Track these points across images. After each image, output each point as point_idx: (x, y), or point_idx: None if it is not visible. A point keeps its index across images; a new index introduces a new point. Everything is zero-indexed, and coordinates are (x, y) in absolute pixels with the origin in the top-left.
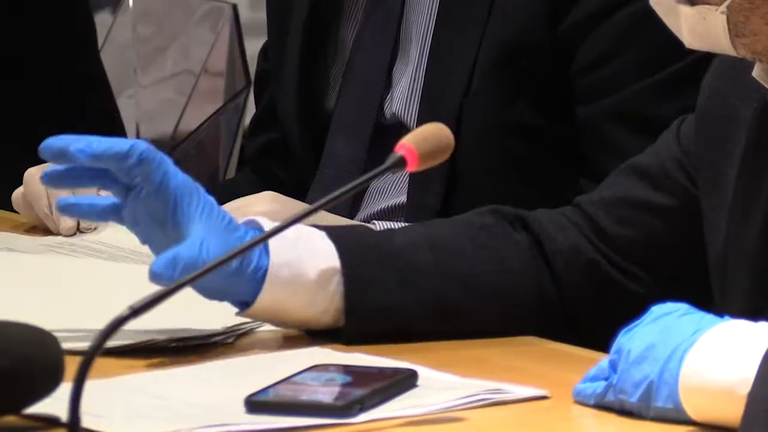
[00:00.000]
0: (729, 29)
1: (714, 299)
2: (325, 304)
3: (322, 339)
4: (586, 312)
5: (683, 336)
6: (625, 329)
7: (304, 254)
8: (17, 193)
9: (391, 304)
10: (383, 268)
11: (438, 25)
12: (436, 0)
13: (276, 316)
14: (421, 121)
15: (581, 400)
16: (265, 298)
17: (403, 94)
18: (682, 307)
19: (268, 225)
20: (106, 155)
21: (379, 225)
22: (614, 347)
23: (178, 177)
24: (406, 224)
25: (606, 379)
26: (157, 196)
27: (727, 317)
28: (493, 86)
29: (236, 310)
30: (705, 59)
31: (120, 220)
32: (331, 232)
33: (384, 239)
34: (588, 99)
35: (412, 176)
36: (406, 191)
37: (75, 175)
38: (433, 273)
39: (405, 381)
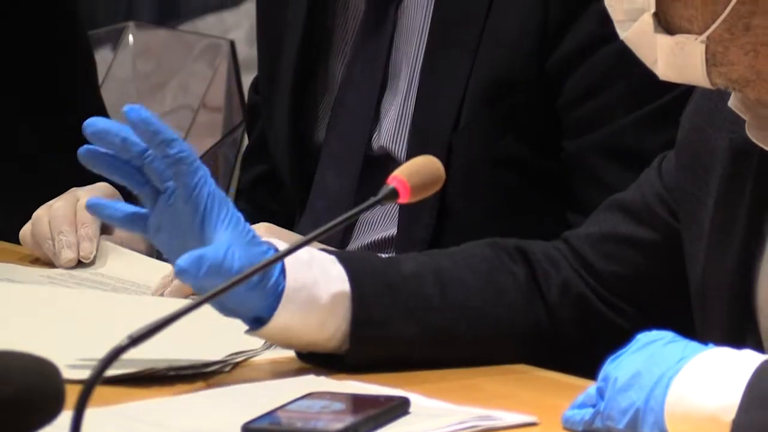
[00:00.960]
0: (707, 59)
1: (696, 328)
2: (333, 329)
3: (317, 367)
4: (575, 342)
5: (668, 364)
6: (612, 357)
7: (318, 278)
8: (25, 231)
9: (395, 334)
10: (391, 296)
11: (426, 59)
12: (424, 35)
13: (287, 337)
14: (410, 154)
15: (570, 427)
16: (280, 318)
17: (391, 127)
18: (668, 335)
19: (282, 246)
20: (155, 127)
21: None
22: (601, 375)
23: (212, 185)
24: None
25: (593, 406)
26: (188, 200)
27: (711, 345)
28: (481, 121)
29: (233, 339)
30: (688, 92)
31: (142, 229)
32: (342, 256)
33: (391, 266)
34: (574, 133)
35: (402, 208)
36: (396, 223)
37: (110, 163)
38: (438, 305)
39: (397, 408)
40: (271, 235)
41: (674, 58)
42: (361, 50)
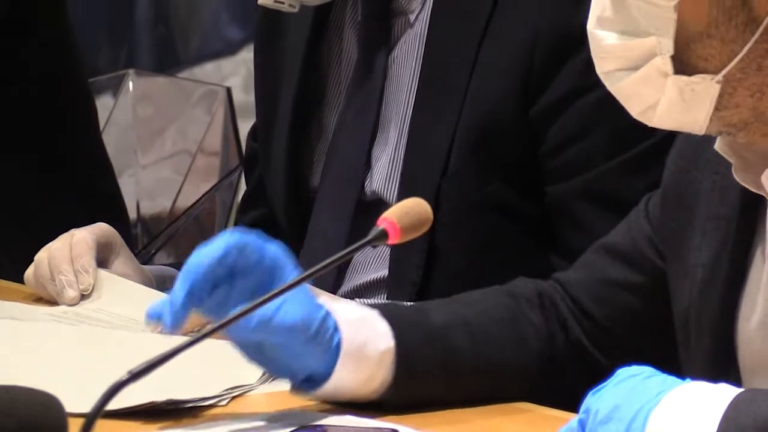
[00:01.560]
0: (715, 102)
1: (680, 362)
2: (378, 383)
3: (310, 400)
4: (570, 381)
5: (648, 397)
6: (593, 390)
7: (369, 336)
8: (29, 273)
9: (431, 387)
10: (430, 349)
11: (416, 108)
12: (414, 84)
13: (337, 392)
14: (400, 199)
15: None
16: (338, 375)
17: (382, 174)
18: (647, 370)
19: (328, 303)
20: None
21: (360, 302)
22: (583, 407)
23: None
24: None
25: None
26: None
27: (688, 379)
28: (468, 167)
29: (229, 374)
30: (668, 137)
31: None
32: (384, 311)
33: (425, 317)
34: (557, 179)
35: (393, 250)
36: (387, 265)
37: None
38: (469, 358)
39: None
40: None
41: (681, 102)
42: (354, 99)
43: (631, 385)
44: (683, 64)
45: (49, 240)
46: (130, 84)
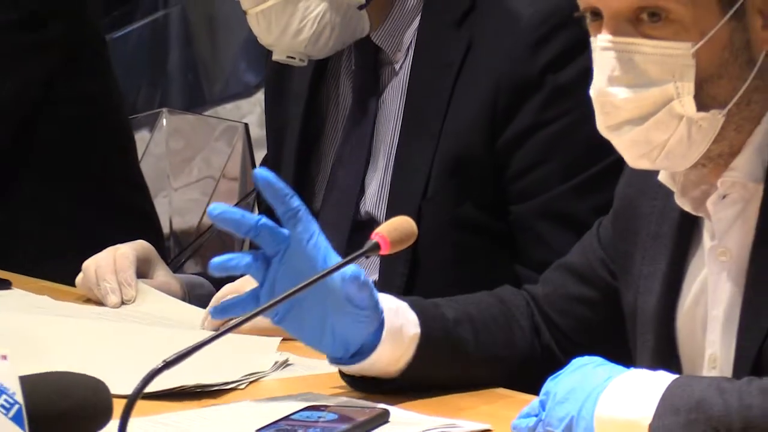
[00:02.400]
0: (717, 132)
1: (632, 357)
2: (403, 363)
3: (315, 384)
4: (543, 376)
5: (598, 381)
6: (552, 376)
7: (404, 322)
8: (79, 278)
9: (437, 374)
10: (444, 340)
11: (400, 143)
12: (398, 122)
13: (374, 367)
14: (389, 218)
15: None
16: (380, 351)
17: (373, 197)
18: (597, 359)
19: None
20: (278, 185)
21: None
22: (543, 390)
23: (323, 236)
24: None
25: (536, 415)
26: (303, 253)
27: (632, 368)
28: (444, 191)
29: (247, 363)
30: (611, 165)
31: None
32: (411, 303)
33: (440, 311)
34: (519, 200)
35: (382, 261)
36: (377, 272)
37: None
38: (473, 350)
39: (379, 418)
40: None
41: (687, 140)
42: (350, 136)
43: (584, 372)
44: (701, 101)
45: (96, 250)
46: (164, 121)
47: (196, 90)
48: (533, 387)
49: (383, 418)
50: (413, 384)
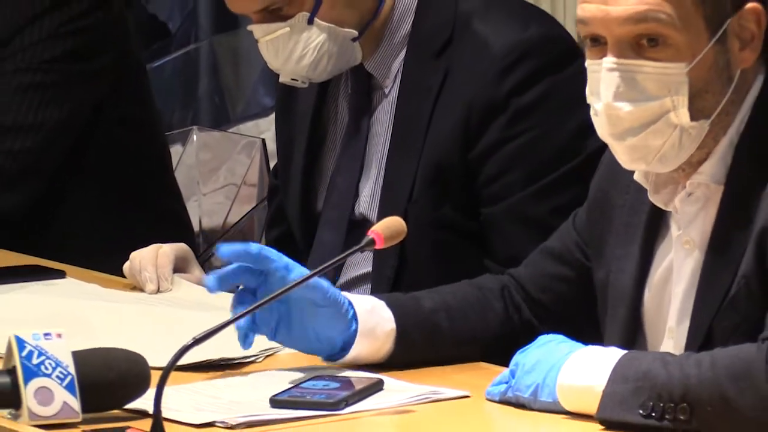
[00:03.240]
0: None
1: (602, 332)
2: (383, 354)
3: (321, 359)
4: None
5: (560, 355)
6: (521, 350)
7: (377, 321)
8: (125, 267)
9: (418, 357)
10: (419, 331)
11: (389, 155)
12: (387, 137)
13: (357, 360)
14: (379, 218)
15: (490, 398)
16: (355, 350)
17: (366, 200)
18: (560, 337)
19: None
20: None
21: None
22: (513, 361)
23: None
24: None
25: (507, 383)
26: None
27: (590, 345)
28: (426, 197)
29: (263, 339)
30: (568, 172)
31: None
32: (388, 300)
33: (418, 304)
34: (488, 203)
35: (375, 254)
36: (370, 265)
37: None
38: (449, 336)
39: (375, 386)
40: None
41: (678, 145)
42: (346, 149)
43: (548, 347)
44: (694, 113)
45: (137, 247)
46: (195, 137)
47: (221, 111)
48: (508, 356)
49: (378, 386)
50: (399, 365)
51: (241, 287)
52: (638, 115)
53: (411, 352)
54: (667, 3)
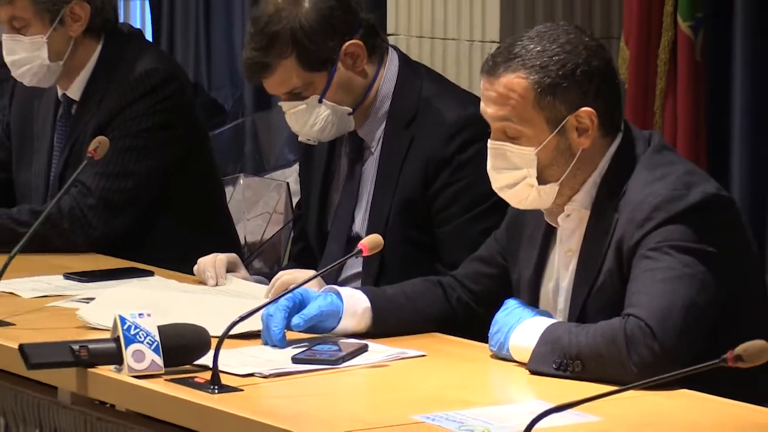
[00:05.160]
0: (557, 192)
1: None
2: (363, 326)
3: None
4: (461, 323)
5: (514, 320)
6: (498, 311)
7: (357, 302)
8: (195, 268)
9: (389, 327)
10: (387, 309)
11: (374, 193)
12: (373, 182)
13: (345, 332)
14: (367, 236)
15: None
16: (342, 325)
17: (359, 224)
18: (515, 303)
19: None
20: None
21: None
22: (493, 320)
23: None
24: (383, 286)
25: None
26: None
27: (536, 313)
28: (398, 222)
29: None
30: (492, 204)
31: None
32: (364, 289)
33: (384, 293)
34: (439, 226)
35: (364, 259)
36: (361, 267)
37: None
38: (408, 312)
39: (362, 349)
40: (299, 273)
41: (538, 196)
42: (345, 188)
43: (511, 313)
44: (540, 180)
45: (204, 254)
46: (241, 181)
47: (259, 163)
48: (456, 331)
49: (364, 349)
50: (379, 334)
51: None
52: (506, 179)
53: (382, 324)
54: (516, 109)
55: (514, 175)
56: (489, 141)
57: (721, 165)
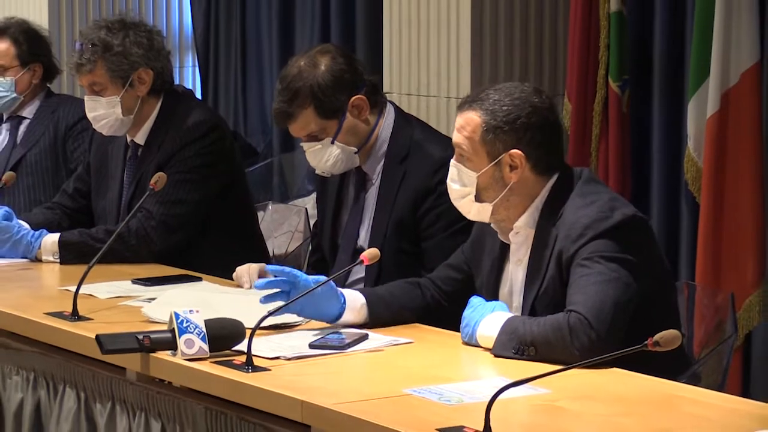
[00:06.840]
0: (491, 211)
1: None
2: (362, 318)
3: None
4: (435, 316)
5: (480, 315)
6: (466, 308)
7: (356, 298)
8: (234, 274)
9: (383, 319)
10: (379, 304)
11: (375, 216)
12: (374, 206)
13: (347, 323)
14: (368, 248)
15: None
16: (345, 317)
17: (363, 240)
18: (479, 300)
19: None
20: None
21: (355, 287)
22: (463, 315)
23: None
24: (376, 286)
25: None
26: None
27: (494, 307)
28: (393, 238)
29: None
30: (467, 223)
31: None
32: (361, 290)
33: (376, 292)
34: (425, 240)
35: (366, 267)
36: (363, 273)
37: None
38: (396, 307)
39: (363, 337)
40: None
41: (481, 209)
42: (353, 211)
43: (477, 309)
44: (479, 198)
45: (241, 264)
46: (270, 207)
47: (285, 193)
48: (435, 322)
49: (365, 337)
50: (374, 325)
51: (276, 291)
52: (458, 192)
53: (376, 317)
54: (468, 139)
55: (462, 191)
56: (452, 159)
57: (643, 193)
